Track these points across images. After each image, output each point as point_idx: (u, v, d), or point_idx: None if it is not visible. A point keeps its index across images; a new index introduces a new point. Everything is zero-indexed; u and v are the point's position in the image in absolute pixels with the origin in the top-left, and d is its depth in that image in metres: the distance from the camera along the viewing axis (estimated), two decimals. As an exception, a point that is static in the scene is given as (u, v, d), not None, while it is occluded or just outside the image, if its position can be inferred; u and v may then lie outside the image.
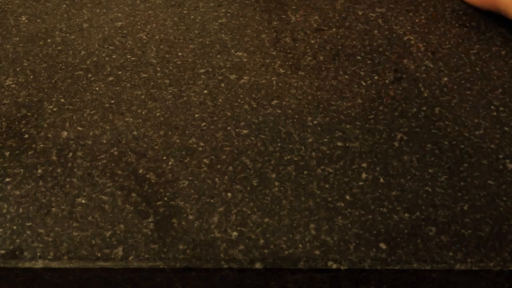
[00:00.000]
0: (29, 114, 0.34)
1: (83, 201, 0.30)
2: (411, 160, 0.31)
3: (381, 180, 0.30)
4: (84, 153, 0.32)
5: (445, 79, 0.36)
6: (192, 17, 0.41)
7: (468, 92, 0.35)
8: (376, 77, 0.36)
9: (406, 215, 0.29)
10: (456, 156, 0.31)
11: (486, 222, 0.28)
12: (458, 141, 0.32)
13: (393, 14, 0.41)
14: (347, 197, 0.30)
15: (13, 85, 0.36)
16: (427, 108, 0.34)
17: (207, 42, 0.39)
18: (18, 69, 0.37)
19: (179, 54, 0.38)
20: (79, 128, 0.33)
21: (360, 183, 0.30)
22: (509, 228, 0.28)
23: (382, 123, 0.33)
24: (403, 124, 0.33)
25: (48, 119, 0.34)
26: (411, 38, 0.39)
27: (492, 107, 0.34)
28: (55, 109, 0.35)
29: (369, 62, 0.37)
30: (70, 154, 0.32)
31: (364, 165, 0.31)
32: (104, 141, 0.33)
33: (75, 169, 0.31)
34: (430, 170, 0.31)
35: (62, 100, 0.35)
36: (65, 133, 0.33)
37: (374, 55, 0.38)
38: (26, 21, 0.41)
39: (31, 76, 0.37)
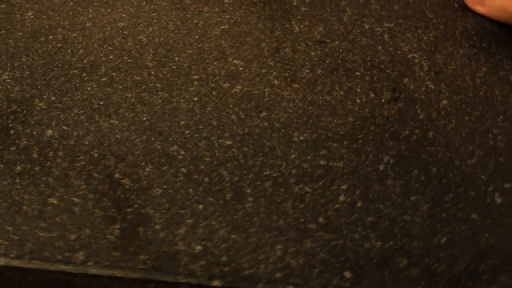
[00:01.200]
0: (18, 110, 0.34)
1: (55, 201, 0.30)
2: (394, 185, 0.30)
3: (359, 204, 0.29)
4: (65, 153, 0.32)
5: (445, 101, 0.34)
6: (195, 21, 0.41)
7: (466, 118, 0.33)
8: (372, 95, 0.35)
9: (379, 243, 0.28)
10: (443, 185, 0.30)
11: (463, 258, 0.27)
12: (447, 169, 0.31)
13: (400, 30, 0.40)
14: (321, 219, 0.29)
15: (9, 80, 0.36)
16: (421, 131, 0.33)
17: (206, 48, 0.39)
18: (16, 64, 0.38)
19: (176, 58, 0.38)
20: (64, 128, 0.33)
21: (336, 206, 0.29)
22: (486, 267, 0.26)
23: (370, 144, 0.32)
24: (392, 146, 0.32)
25: (36, 116, 0.34)
26: (416, 56, 0.38)
27: (490, 135, 0.32)
28: (44, 107, 0.35)
29: (367, 78, 0.36)
30: (51, 153, 0.32)
31: (344, 186, 0.30)
32: (86, 142, 0.32)
33: (53, 169, 0.31)
34: (412, 198, 0.29)
35: (53, 98, 0.35)
36: (50, 132, 0.33)
37: (374, 71, 0.37)
38: (32, 16, 0.41)
39: (27, 72, 0.37)
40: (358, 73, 0.36)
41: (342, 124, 0.33)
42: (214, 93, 0.35)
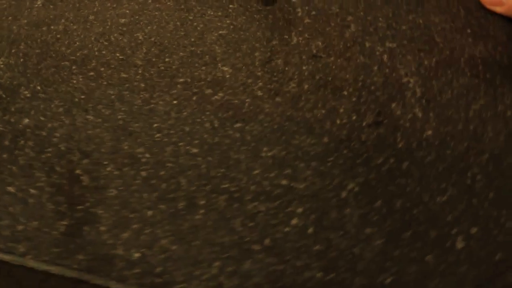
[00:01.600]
0: (3, 96, 0.35)
1: (13, 190, 0.30)
2: (352, 214, 0.29)
3: (310, 230, 0.28)
4: (35, 143, 0.32)
5: (429, 132, 0.33)
6: (195, 24, 0.40)
7: (448, 152, 0.31)
8: (354, 117, 0.33)
9: (319, 274, 0.26)
10: (404, 220, 0.28)
11: (404, 302, 0.25)
12: (413, 204, 0.29)
13: (402, 51, 0.38)
14: (267, 241, 0.28)
15: (2, 66, 0.37)
16: (395, 161, 0.31)
17: (198, 52, 0.38)
18: (13, 51, 0.38)
19: (166, 59, 0.38)
20: (41, 118, 0.34)
21: (287, 229, 0.28)
22: (426, 315, 0.25)
23: (338, 168, 0.31)
24: (361, 173, 0.30)
25: (18, 104, 0.35)
26: (411, 80, 0.36)
27: (469, 173, 0.30)
28: (28, 95, 0.35)
29: (353, 99, 0.35)
30: (22, 142, 0.33)
31: (300, 210, 0.29)
32: (58, 135, 0.33)
33: (20, 158, 0.32)
34: (367, 230, 0.28)
35: (38, 87, 0.36)
36: (26, 120, 0.34)
37: (363, 92, 0.35)
38: (41, 5, 0.42)
39: (21, 60, 0.38)
40: (345, 93, 0.35)
41: (315, 144, 0.32)
42: (194, 98, 0.35)
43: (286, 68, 0.37)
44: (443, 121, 0.33)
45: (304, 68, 0.37)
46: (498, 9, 0.39)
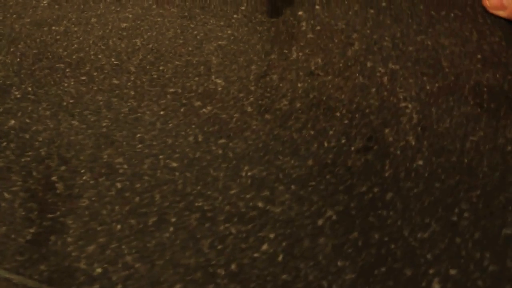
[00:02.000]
0: (-6, 95, 0.35)
1: (-13, 193, 0.30)
2: (326, 244, 0.27)
3: (280, 257, 0.27)
4: (16, 146, 0.32)
5: (420, 162, 0.31)
6: (195, 32, 0.40)
7: (437, 185, 0.30)
8: (343, 141, 0.32)
9: (281, 306, 0.25)
10: (379, 255, 0.27)
11: None
12: (391, 238, 0.27)
13: (404, 74, 0.36)
14: (233, 266, 0.27)
15: (-2, 64, 0.37)
16: (379, 190, 0.30)
17: (194, 62, 0.37)
18: (12, 50, 0.38)
19: (160, 67, 0.37)
20: (27, 120, 0.34)
21: (256, 255, 0.27)
22: None
23: (318, 194, 0.29)
24: (342, 201, 0.29)
25: (7, 105, 0.35)
26: (409, 106, 0.34)
27: (457, 210, 0.29)
28: (18, 96, 0.35)
29: (346, 121, 0.33)
30: (5, 143, 0.32)
31: (272, 235, 0.28)
32: (40, 139, 0.33)
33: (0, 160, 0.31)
34: (339, 263, 0.27)
35: (29, 89, 0.36)
36: (12, 122, 0.34)
37: (356, 115, 0.34)
38: (46, 4, 0.42)
39: (18, 59, 0.38)
40: (338, 114, 0.34)
41: (298, 167, 0.31)
42: (182, 110, 0.34)
43: (281, 84, 0.36)
44: (437, 152, 0.31)
45: (299, 85, 0.36)
46: (501, 13, 0.39)
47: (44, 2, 0.43)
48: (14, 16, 0.41)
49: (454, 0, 0.41)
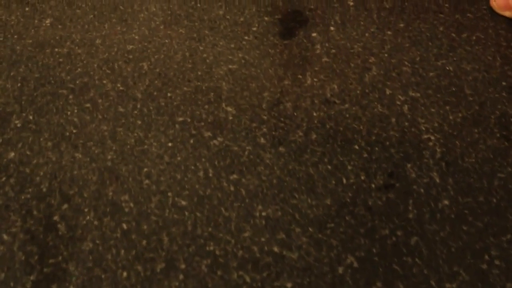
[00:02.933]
0: (-7, 124, 0.33)
1: (-16, 234, 0.28)
2: (346, 296, 0.25)
3: (297, 311, 0.25)
4: (16, 181, 0.30)
5: (446, 202, 0.29)
6: (204, 55, 0.38)
7: (465, 228, 0.28)
8: (363, 177, 0.30)
9: None
10: (404, 309, 0.25)
11: None
12: (417, 289, 0.26)
13: (426, 102, 0.34)
14: (247, 319, 0.25)
15: (-2, 90, 0.36)
16: (403, 234, 0.28)
17: (203, 88, 0.36)
18: (12, 74, 0.37)
19: (168, 94, 0.35)
20: (28, 152, 0.32)
21: (271, 307, 0.25)
22: None
23: (338, 238, 0.28)
24: (363, 246, 0.27)
25: (6, 135, 0.33)
26: (432, 138, 0.32)
27: (486, 256, 0.27)
28: (19, 125, 0.33)
29: (365, 155, 0.31)
30: (4, 178, 0.31)
31: (289, 285, 0.26)
32: (41, 173, 0.31)
33: (-2, 197, 0.30)
34: (361, 317, 0.25)
35: (30, 117, 0.34)
36: (12, 154, 0.32)
37: (376, 148, 0.32)
38: (49, 24, 0.40)
39: (19, 84, 0.36)
40: (356, 147, 0.32)
41: (316, 206, 0.29)
42: (191, 141, 0.32)
43: (295, 113, 0.34)
44: (463, 190, 0.30)
45: (314, 114, 0.34)
46: (508, 14, 0.39)
47: (47, 22, 0.41)
48: (16, 36, 0.39)
49: (475, 22, 0.40)
